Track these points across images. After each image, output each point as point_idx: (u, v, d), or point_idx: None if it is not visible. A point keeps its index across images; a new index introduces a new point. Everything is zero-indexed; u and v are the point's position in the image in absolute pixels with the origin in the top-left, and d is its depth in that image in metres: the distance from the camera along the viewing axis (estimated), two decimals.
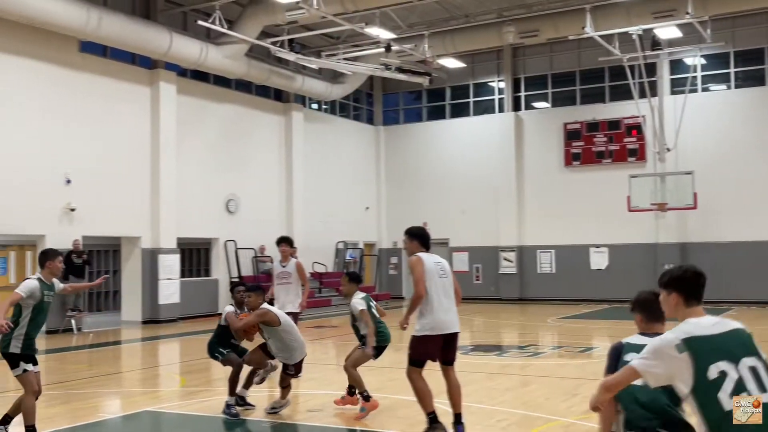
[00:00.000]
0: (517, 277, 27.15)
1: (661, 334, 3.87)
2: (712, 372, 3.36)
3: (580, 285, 25.81)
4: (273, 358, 8.48)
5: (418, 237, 7.39)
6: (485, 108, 28.71)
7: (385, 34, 20.99)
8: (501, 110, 28.01)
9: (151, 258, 20.22)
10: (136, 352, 15.94)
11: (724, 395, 3.33)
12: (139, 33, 18.52)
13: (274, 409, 8.40)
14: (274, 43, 21.05)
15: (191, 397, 9.94)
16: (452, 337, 7.06)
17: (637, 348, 3.99)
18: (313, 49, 24.07)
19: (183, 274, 21.92)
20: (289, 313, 11.17)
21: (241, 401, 8.60)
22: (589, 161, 26.32)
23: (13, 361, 6.81)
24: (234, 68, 21.36)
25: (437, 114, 29.72)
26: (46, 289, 6.98)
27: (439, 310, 6.93)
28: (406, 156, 29.55)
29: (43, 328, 17.38)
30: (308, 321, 12.96)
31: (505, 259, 27.30)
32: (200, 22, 19.05)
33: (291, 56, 21.44)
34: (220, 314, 9.18)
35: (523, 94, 28.00)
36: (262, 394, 9.40)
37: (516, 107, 27.86)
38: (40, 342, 16.54)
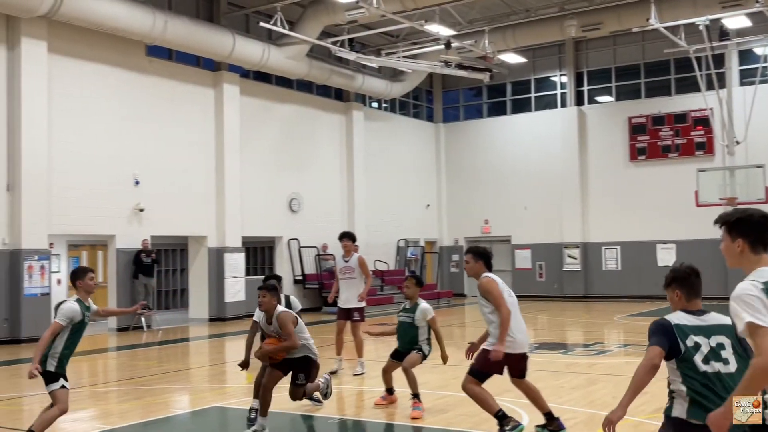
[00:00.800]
0: (582, 274, 26.76)
1: (702, 310, 4.07)
2: None
3: (646, 282, 25.26)
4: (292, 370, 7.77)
5: (484, 257, 7.17)
6: (547, 103, 28.37)
7: (444, 31, 20.93)
8: (563, 105, 27.65)
9: (217, 256, 20.61)
10: (204, 348, 16.26)
11: None
12: (203, 36, 18.89)
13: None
14: (334, 43, 21.20)
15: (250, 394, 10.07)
16: (524, 356, 7.09)
17: (695, 330, 4.01)
18: (373, 47, 24.15)
19: (248, 273, 22.28)
20: (354, 309, 11.26)
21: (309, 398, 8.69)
22: (654, 156, 25.77)
23: (49, 378, 6.70)
24: (295, 69, 21.60)
25: (498, 110, 29.49)
26: (85, 310, 6.82)
27: (516, 330, 6.90)
28: (467, 153, 29.40)
29: (114, 324, 17.81)
30: (369, 318, 13.03)
31: (569, 256, 26.93)
32: (262, 24, 19.30)
33: (351, 55, 21.55)
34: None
35: (585, 88, 27.58)
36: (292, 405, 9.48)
37: (579, 102, 27.45)
38: (111, 339, 17.07)
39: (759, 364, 3.29)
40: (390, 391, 8.71)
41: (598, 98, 27.60)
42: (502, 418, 6.89)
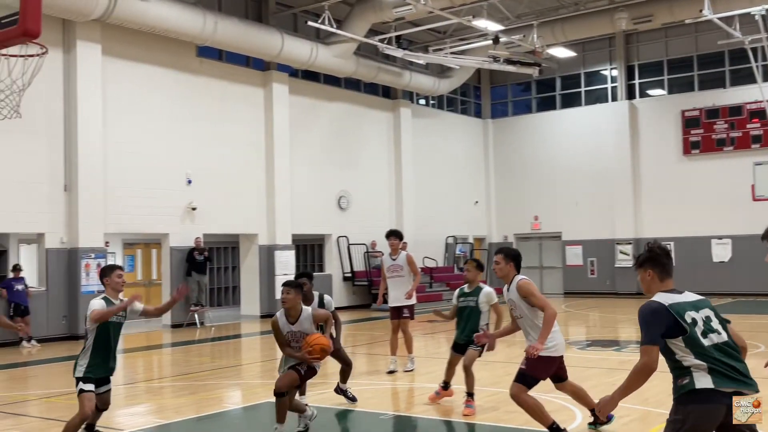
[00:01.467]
0: (634, 270, 26.28)
1: (678, 290, 4.43)
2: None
3: (701, 278, 24.69)
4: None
5: (516, 259, 6.98)
6: (597, 97, 27.99)
7: (492, 26, 20.77)
8: (614, 99, 27.24)
9: (267, 254, 20.84)
10: (255, 345, 16.44)
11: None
12: (252, 36, 19.10)
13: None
14: (381, 41, 21.23)
15: (309, 388, 10.14)
16: (562, 358, 7.01)
17: (687, 306, 4.25)
18: (421, 44, 24.11)
19: (298, 270, 22.45)
20: (404, 307, 11.24)
21: (341, 393, 8.79)
22: (709, 149, 25.22)
23: (76, 382, 6.73)
24: (343, 67, 21.69)
25: (547, 105, 29.19)
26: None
27: (557, 332, 6.82)
28: (516, 148, 29.18)
29: (168, 321, 18.12)
30: (419, 315, 13.02)
31: (622, 252, 26.52)
32: (310, 23, 19.44)
33: (398, 53, 21.55)
34: (335, 308, 9.17)
35: (637, 81, 27.12)
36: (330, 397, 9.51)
37: (630, 95, 27.01)
38: (166, 336, 17.40)
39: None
40: (446, 385, 8.63)
41: (650, 91, 27.12)
42: (556, 430, 6.66)
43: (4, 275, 16.19)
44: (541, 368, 6.70)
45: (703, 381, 4.02)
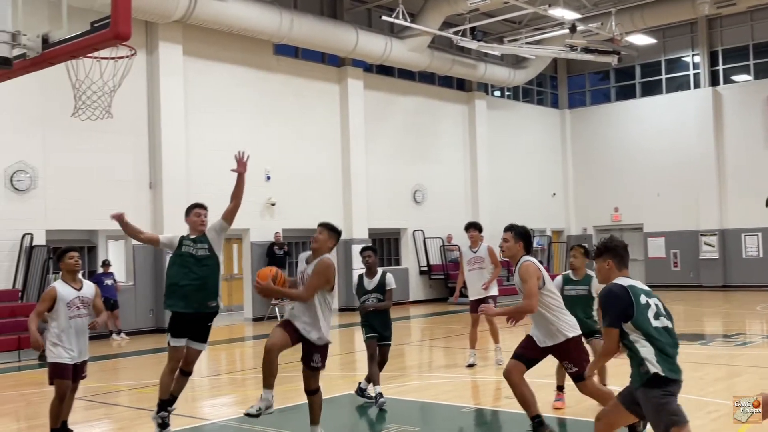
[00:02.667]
0: (720, 262, 25.50)
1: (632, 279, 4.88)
2: None
3: None
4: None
5: (526, 238, 6.47)
6: (679, 84, 27.18)
7: (569, 15, 20.43)
8: (697, 86, 26.40)
9: (344, 248, 21.03)
10: (334, 338, 16.56)
11: None
12: (327, 32, 19.29)
13: (259, 411, 6.50)
14: (456, 33, 21.13)
15: (388, 381, 10.23)
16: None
17: (643, 291, 4.76)
18: (495, 35, 23.89)
19: (385, 271, 22.58)
20: (486, 298, 11.03)
21: (360, 393, 8.65)
22: None
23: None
24: (417, 60, 21.69)
25: (626, 93, 28.52)
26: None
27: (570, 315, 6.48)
28: (594, 139, 28.62)
29: (249, 314, 18.37)
30: (501, 306, 12.96)
31: (706, 243, 25.71)
32: (384, 18, 19.50)
33: (473, 44, 21.41)
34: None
35: (721, 67, 26.21)
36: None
37: (714, 82, 26.13)
38: (247, 328, 17.76)
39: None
40: (561, 389, 8.03)
41: (735, 77, 26.17)
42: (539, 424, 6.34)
43: (94, 270, 16.82)
44: (582, 354, 6.34)
45: (656, 367, 4.51)
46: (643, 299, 4.68)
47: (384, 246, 24.90)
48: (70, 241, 16.69)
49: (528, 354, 6.38)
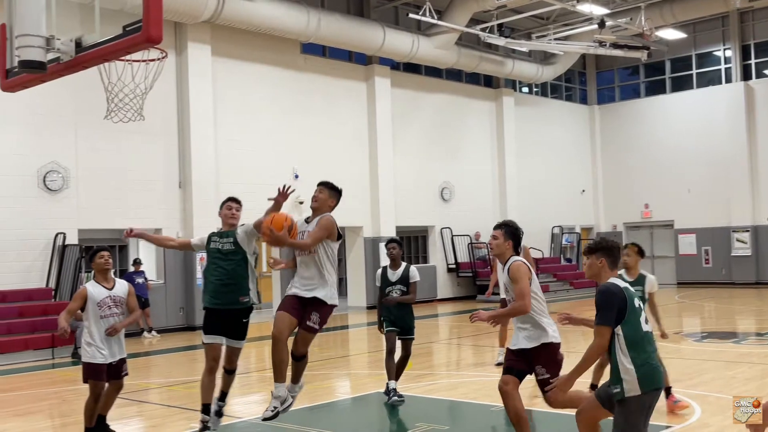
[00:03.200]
0: (752, 259, 25.15)
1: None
2: None
3: None
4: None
5: (516, 238, 6.19)
6: (710, 79, 26.84)
7: (597, 10, 20.27)
8: (728, 81, 26.05)
9: (372, 246, 21.07)
10: (362, 336, 16.69)
11: None
12: (355, 31, 19.31)
13: (276, 410, 6.19)
14: (483, 29, 21.05)
15: (417, 380, 10.25)
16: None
17: (634, 293, 4.81)
18: (523, 31, 23.76)
19: (409, 263, 22.60)
20: None
21: (388, 392, 8.57)
22: None
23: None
24: (445, 58, 21.64)
25: (656, 89, 28.22)
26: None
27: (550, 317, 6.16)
28: (624, 135, 28.36)
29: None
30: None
31: (739, 240, 25.37)
32: (411, 15, 19.47)
33: (501, 41, 21.32)
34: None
35: (753, 61, 25.83)
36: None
37: (746, 76, 25.76)
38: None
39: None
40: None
41: None
42: None
43: (125, 269, 17.02)
44: (556, 360, 5.99)
45: (636, 389, 4.54)
46: (636, 303, 4.72)
47: (411, 244, 24.89)
48: (101, 240, 16.91)
49: (516, 366, 6.05)
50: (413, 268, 8.73)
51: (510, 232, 6.19)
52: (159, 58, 6.48)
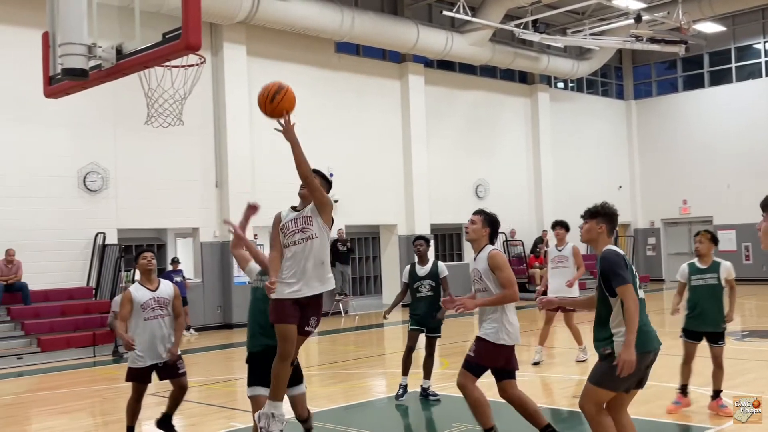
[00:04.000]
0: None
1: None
2: None
3: None
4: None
5: (494, 226, 6.09)
6: (750, 72, 26.37)
7: (634, 4, 20.03)
8: None
9: (407, 244, 21.08)
10: (398, 334, 16.70)
11: None
12: (388, 29, 19.33)
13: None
14: (517, 26, 20.92)
15: (454, 379, 10.22)
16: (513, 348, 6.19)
17: (629, 261, 5.06)
18: (558, 27, 23.57)
19: (437, 259, 22.55)
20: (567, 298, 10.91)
21: (424, 393, 8.64)
22: None
23: None
24: (479, 55, 21.55)
25: (694, 83, 27.80)
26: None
27: (515, 317, 6.12)
28: (661, 130, 27.99)
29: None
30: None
31: None
32: (445, 13, 19.43)
33: (535, 37, 21.17)
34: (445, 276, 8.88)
35: None
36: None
37: None
38: None
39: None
40: (684, 389, 7.50)
41: None
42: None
43: (163, 268, 17.26)
44: (491, 356, 6.02)
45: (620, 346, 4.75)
46: (632, 270, 4.92)
47: (446, 241, 24.88)
48: (140, 239, 17.18)
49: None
50: (441, 264, 8.87)
51: (489, 219, 6.11)
52: (197, 64, 6.57)
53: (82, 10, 5.47)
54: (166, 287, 6.98)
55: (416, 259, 8.87)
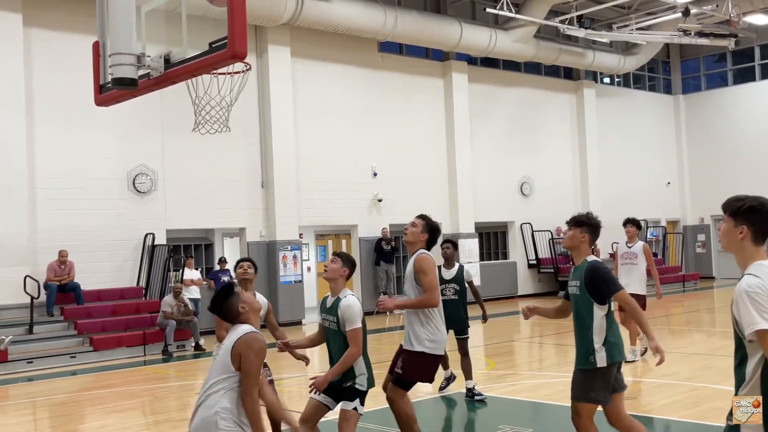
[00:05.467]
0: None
1: None
2: None
3: None
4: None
5: (432, 233, 6.11)
6: None
7: None
8: None
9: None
10: None
11: None
12: (431, 28, 19.30)
13: None
14: (562, 21, 20.73)
15: (500, 380, 10.23)
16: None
17: None
18: (604, 22, 23.26)
19: (482, 258, 22.52)
20: (633, 295, 10.79)
21: (469, 393, 8.72)
22: None
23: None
24: (523, 51, 21.38)
25: (745, 77, 27.20)
26: None
27: (442, 326, 6.10)
28: (711, 125, 27.45)
29: None
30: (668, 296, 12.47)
31: None
32: (488, 10, 19.33)
33: (581, 32, 20.94)
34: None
35: None
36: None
37: None
38: None
39: None
40: None
41: None
42: None
43: (211, 267, 17.50)
44: (419, 371, 6.01)
45: (611, 354, 5.08)
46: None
47: (491, 239, 24.74)
48: (188, 239, 17.45)
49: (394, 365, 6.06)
50: (467, 267, 9.16)
51: (430, 227, 6.19)
52: (243, 71, 6.66)
53: (131, 20, 5.59)
54: (260, 300, 6.49)
55: (443, 262, 8.92)
